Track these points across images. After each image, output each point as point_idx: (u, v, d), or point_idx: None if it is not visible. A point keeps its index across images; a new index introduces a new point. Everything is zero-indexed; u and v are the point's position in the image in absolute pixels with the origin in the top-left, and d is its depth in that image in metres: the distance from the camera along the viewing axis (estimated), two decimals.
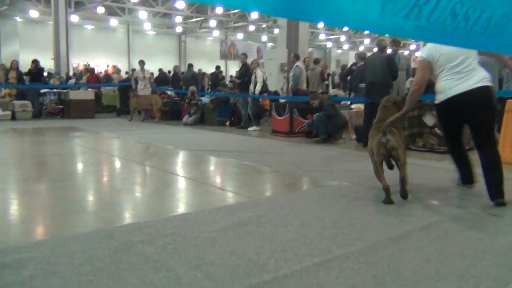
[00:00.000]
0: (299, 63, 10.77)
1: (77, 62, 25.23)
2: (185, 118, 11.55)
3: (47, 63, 19.45)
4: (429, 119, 6.96)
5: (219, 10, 24.40)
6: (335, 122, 7.92)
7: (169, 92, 14.29)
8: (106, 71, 22.08)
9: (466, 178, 4.26)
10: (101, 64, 25.67)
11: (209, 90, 15.49)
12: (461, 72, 3.82)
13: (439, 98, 3.96)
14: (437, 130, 7.05)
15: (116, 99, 15.00)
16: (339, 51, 35.35)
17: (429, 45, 4.03)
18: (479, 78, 3.79)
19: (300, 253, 2.62)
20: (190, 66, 14.30)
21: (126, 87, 13.80)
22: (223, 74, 19.84)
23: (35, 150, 7.24)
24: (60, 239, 2.81)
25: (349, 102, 8.93)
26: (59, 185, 4.51)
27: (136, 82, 12.95)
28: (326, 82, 11.44)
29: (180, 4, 22.33)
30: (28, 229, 3.18)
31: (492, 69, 7.53)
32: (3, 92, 13.32)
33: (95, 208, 3.73)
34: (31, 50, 21.78)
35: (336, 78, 16.20)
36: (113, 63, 25.98)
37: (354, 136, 8.04)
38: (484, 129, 3.85)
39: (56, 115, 13.54)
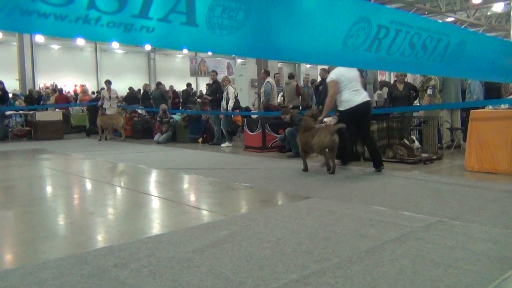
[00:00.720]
0: (269, 79, 10.89)
1: (44, 82, 24.76)
2: (157, 136, 11.46)
3: (12, 84, 19.01)
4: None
5: None
6: None
7: (139, 111, 14.17)
8: (74, 91, 21.72)
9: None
10: (68, 84, 25.30)
11: (180, 108, 15.43)
12: (356, 90, 6.14)
13: (345, 106, 6.17)
14: (406, 141, 7.22)
15: (85, 119, 14.77)
16: (308, 65, 35.94)
17: (336, 70, 6.20)
18: (364, 95, 6.22)
19: (277, 270, 2.62)
20: (159, 84, 14.32)
21: (95, 106, 13.61)
22: (194, 90, 19.80)
23: (0, 174, 7.01)
24: (30, 267, 2.72)
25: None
26: (27, 210, 4.39)
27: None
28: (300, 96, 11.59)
29: None
30: None
31: (452, 84, 8.09)
32: None
33: (65, 232, 3.63)
34: None
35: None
36: (81, 82, 25.63)
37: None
38: (367, 128, 6.38)
39: (22, 137, 13.19)
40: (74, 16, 1.73)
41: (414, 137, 7.41)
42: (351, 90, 6.14)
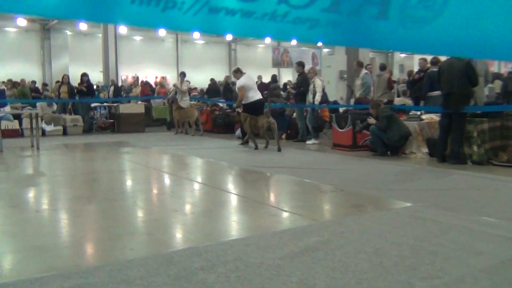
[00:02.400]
0: (365, 71, 10.63)
1: (126, 74, 26.24)
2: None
3: (96, 76, 20.40)
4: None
5: None
6: (391, 134, 7.69)
7: (220, 104, 14.48)
8: (155, 83, 22.76)
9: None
10: (149, 76, 26.57)
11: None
12: (255, 91, 9.65)
13: (250, 99, 9.45)
14: None
15: (166, 112, 15.36)
16: (403, 55, 34.57)
17: (245, 77, 9.73)
18: (259, 94, 9.77)
19: (377, 286, 2.51)
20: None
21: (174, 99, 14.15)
22: (276, 84, 19.87)
23: (86, 166, 7.54)
24: (117, 265, 2.86)
25: (419, 112, 8.63)
26: (112, 204, 4.65)
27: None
28: (393, 90, 11.16)
29: None
30: (83, 253, 3.27)
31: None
32: (55, 106, 14.06)
33: (150, 229, 3.78)
34: (81, 63, 23.01)
35: (402, 86, 15.79)
36: (161, 74, 26.82)
37: (425, 150, 7.74)
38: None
39: (106, 130, 14.12)
40: (261, 12, 1.73)
41: None
42: (253, 90, 9.76)
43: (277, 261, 2.89)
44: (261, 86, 17.01)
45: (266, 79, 18.99)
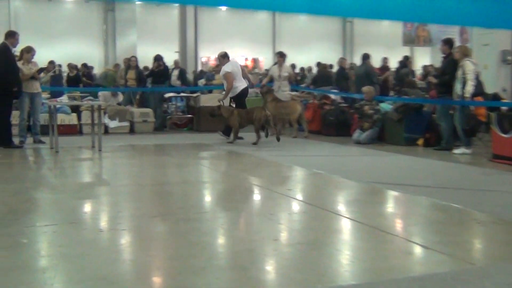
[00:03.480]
0: None
1: (207, 55, 26.88)
2: (356, 134, 11.47)
3: (170, 58, 21.25)
4: None
5: None
6: None
7: (332, 96, 14.33)
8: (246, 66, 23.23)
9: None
10: (237, 58, 27.07)
11: (392, 94, 15.21)
12: (240, 79, 11.49)
13: (236, 91, 11.29)
14: None
15: (259, 105, 15.52)
16: None
17: (231, 63, 11.57)
18: (245, 82, 11.69)
19: None
20: (365, 58, 14.16)
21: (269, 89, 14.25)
22: (405, 70, 19.42)
23: (158, 175, 7.86)
24: None
25: None
26: (191, 226, 4.77)
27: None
28: None
29: None
30: None
31: None
32: (120, 97, 14.78)
33: (243, 263, 3.81)
34: (151, 42, 24.00)
35: None
36: (253, 55, 27.13)
37: None
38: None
39: (182, 127, 14.61)
40: None
41: None
42: (240, 79, 11.50)
43: None
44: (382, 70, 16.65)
45: (393, 62, 18.58)
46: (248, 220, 5.32)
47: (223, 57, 11.77)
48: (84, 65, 19.05)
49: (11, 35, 10.31)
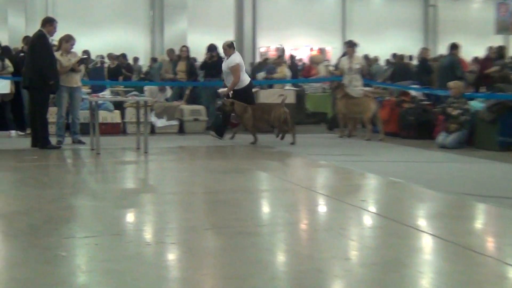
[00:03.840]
0: None
1: (266, 45, 26.73)
2: (442, 137, 11.20)
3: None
4: None
5: None
6: None
7: (413, 93, 13.97)
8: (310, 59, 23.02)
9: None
10: (301, 48, 26.77)
11: (479, 90, 14.74)
12: (245, 72, 12.27)
13: (243, 84, 11.59)
14: None
15: (326, 103, 15.31)
16: None
17: (238, 54, 12.00)
18: (248, 77, 12.45)
19: None
20: (453, 48, 13.66)
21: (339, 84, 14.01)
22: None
23: (211, 182, 7.76)
24: None
25: None
26: (250, 241, 4.67)
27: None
28: None
29: None
30: None
31: None
32: (168, 93, 14.77)
33: (311, 284, 3.70)
34: (203, 30, 24.05)
35: None
36: (319, 45, 26.80)
37: None
38: None
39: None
40: None
41: None
42: (244, 72, 11.86)
43: None
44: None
45: (479, 51, 18.00)
46: (314, 235, 5.20)
47: (230, 47, 11.86)
48: (123, 55, 19.14)
49: (49, 22, 10.32)
